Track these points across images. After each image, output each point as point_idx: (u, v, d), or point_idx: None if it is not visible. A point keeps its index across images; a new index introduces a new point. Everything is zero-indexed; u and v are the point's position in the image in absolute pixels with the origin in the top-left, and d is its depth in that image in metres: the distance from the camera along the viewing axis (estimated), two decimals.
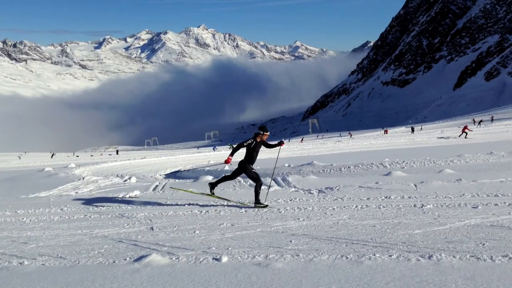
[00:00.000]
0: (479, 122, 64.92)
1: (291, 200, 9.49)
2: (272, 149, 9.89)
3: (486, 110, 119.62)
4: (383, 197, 9.08)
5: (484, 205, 7.70)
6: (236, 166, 9.58)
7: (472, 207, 7.60)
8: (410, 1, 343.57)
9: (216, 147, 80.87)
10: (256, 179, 9.16)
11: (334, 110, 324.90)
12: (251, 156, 9.32)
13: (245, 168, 9.27)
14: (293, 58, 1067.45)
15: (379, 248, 5.42)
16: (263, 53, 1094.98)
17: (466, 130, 40.56)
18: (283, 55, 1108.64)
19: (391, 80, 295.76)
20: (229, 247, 5.87)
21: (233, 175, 9.57)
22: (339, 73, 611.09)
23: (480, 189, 9.34)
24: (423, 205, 8.05)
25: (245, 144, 9.27)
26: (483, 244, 5.31)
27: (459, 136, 39.72)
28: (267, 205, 8.93)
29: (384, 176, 12.85)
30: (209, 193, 9.70)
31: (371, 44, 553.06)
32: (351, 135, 76.97)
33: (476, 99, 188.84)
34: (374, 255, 5.07)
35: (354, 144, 44.22)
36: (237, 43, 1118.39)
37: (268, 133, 9.38)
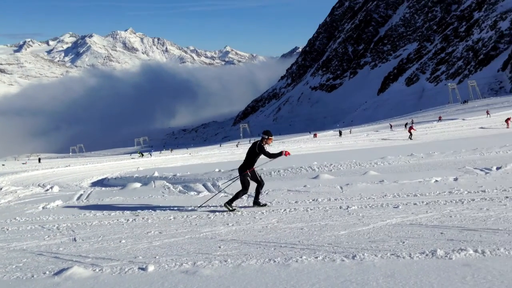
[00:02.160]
0: (405, 125, 68.59)
1: (220, 206, 9.45)
2: (273, 158, 9.12)
3: (408, 113, 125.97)
4: (311, 200, 9.26)
5: (404, 205, 8.06)
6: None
7: (394, 207, 7.93)
8: (336, 9, 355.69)
9: (153, 152, 79.05)
10: (245, 186, 8.92)
11: (264, 114, 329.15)
12: (253, 161, 9.04)
13: (240, 173, 9.07)
14: (223, 63, 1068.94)
15: (306, 250, 5.50)
16: (193, 58, 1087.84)
17: (411, 131, 42.02)
18: (214, 60, 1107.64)
19: (319, 85, 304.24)
20: (156, 256, 5.74)
21: (244, 187, 9.05)
22: (269, 78, 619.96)
23: (401, 190, 9.78)
24: (348, 206, 8.29)
25: (268, 151, 8.96)
26: (403, 242, 5.54)
27: (409, 137, 40.54)
28: (234, 209, 8.76)
29: (312, 179, 13.12)
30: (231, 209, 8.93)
31: (300, 50, 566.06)
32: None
33: (398, 103, 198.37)
34: (301, 257, 5.14)
35: (285, 148, 44.98)
36: (166, 48, 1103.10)
37: (272, 137, 9.06)
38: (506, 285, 3.93)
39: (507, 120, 42.66)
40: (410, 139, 39.46)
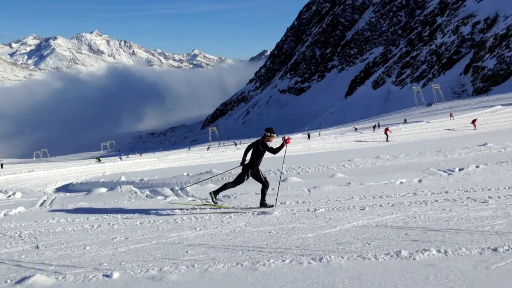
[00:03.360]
0: (374, 127, 69.83)
1: (188, 210, 9.37)
2: (279, 152, 9.04)
3: (375, 116, 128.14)
4: (279, 203, 9.28)
5: (371, 207, 8.18)
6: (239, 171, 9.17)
7: (360, 209, 8.03)
8: (303, 13, 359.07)
9: (123, 156, 77.68)
10: (235, 181, 9.05)
11: (233, 118, 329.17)
12: (258, 160, 9.01)
13: (258, 170, 9.01)
14: (191, 66, 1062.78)
15: (273, 253, 5.51)
16: (160, 61, 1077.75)
17: (387, 133, 42.62)
18: (182, 63, 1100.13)
19: (287, 88, 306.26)
20: (122, 262, 5.64)
21: (235, 181, 9.15)
22: (237, 81, 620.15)
23: (367, 192, 9.92)
24: (315, 209, 8.35)
25: (274, 147, 8.92)
26: (369, 244, 5.62)
27: (386, 140, 40.82)
28: (272, 205, 8.83)
29: (281, 182, 13.17)
30: (212, 203, 9.21)
31: (268, 53, 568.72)
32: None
33: (365, 106, 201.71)
34: (269, 260, 5.14)
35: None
36: (133, 50, 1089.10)
37: (275, 135, 9.06)
38: (467, 284, 4.02)
39: (473, 122, 43.84)
40: (387, 141, 39.95)
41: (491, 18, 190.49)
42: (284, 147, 9.00)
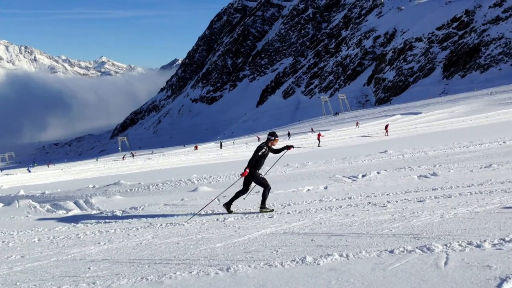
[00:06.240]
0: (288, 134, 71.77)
1: (92, 224, 8.94)
2: (278, 154, 9.54)
3: (285, 125, 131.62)
4: (188, 213, 9.16)
5: (279, 214, 8.32)
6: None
7: (268, 217, 8.14)
8: (215, 22, 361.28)
9: (31, 168, 72.60)
10: (264, 184, 8.96)
11: (144, 127, 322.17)
12: (260, 162, 9.11)
13: (253, 174, 8.97)
14: (99, 74, 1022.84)
15: (181, 265, 5.40)
16: (65, 68, 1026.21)
17: (319, 138, 43.32)
18: (88, 70, 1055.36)
19: (199, 97, 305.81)
20: (17, 282, 5.24)
21: (245, 187, 9.16)
22: (148, 90, 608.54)
23: (276, 199, 10.09)
24: (225, 218, 8.34)
25: (260, 153, 9.00)
26: (277, 251, 5.69)
27: (318, 145, 41.06)
28: (272, 210, 8.83)
29: (191, 192, 13.02)
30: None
31: (179, 62, 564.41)
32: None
33: (276, 115, 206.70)
34: (175, 273, 5.03)
35: (165, 161, 44.27)
36: (35, 57, 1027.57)
37: (278, 139, 9.30)
38: (366, 286, 4.19)
39: (386, 128, 46.36)
40: (319, 146, 40.52)
41: (390, 33, 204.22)
42: (285, 151, 9.45)
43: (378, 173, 12.87)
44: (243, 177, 9.12)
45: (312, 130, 77.59)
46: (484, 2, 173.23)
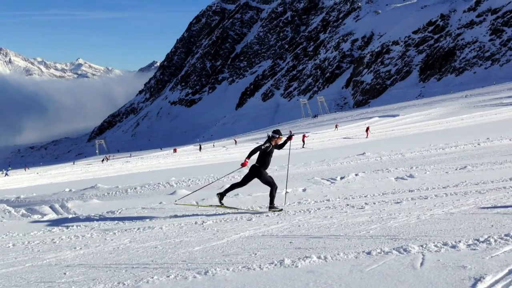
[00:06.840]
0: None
1: (67, 228, 8.79)
2: (283, 148, 9.71)
3: (265, 127, 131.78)
4: (166, 217, 9.09)
5: (257, 217, 8.31)
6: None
7: (247, 220, 8.13)
8: (193, 24, 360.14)
9: (9, 171, 70.86)
10: (271, 183, 8.99)
11: (122, 130, 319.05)
12: (266, 160, 9.12)
13: (260, 173, 9.02)
14: (76, 76, 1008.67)
15: (159, 269, 5.35)
16: (41, 70, 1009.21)
17: (304, 139, 43.31)
18: (65, 72, 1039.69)
19: (178, 100, 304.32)
20: None
21: (243, 181, 9.24)
22: (126, 93, 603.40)
23: (255, 202, 10.09)
24: (203, 221, 8.30)
25: (262, 147, 9.02)
26: (255, 254, 5.68)
27: (303, 146, 40.90)
28: (281, 209, 8.79)
29: (169, 195, 12.94)
30: (218, 204, 9.33)
31: (158, 64, 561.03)
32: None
33: (256, 117, 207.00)
34: (153, 277, 4.98)
35: (143, 164, 43.90)
36: (10, 59, 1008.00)
37: (282, 136, 9.33)
38: (344, 287, 4.22)
39: (367, 130, 46.82)
40: (303, 147, 40.49)
41: (368, 36, 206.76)
42: (289, 142, 9.59)
43: (356, 175, 12.98)
44: (246, 174, 9.24)
45: (290, 133, 77.66)
46: (458, 7, 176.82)
